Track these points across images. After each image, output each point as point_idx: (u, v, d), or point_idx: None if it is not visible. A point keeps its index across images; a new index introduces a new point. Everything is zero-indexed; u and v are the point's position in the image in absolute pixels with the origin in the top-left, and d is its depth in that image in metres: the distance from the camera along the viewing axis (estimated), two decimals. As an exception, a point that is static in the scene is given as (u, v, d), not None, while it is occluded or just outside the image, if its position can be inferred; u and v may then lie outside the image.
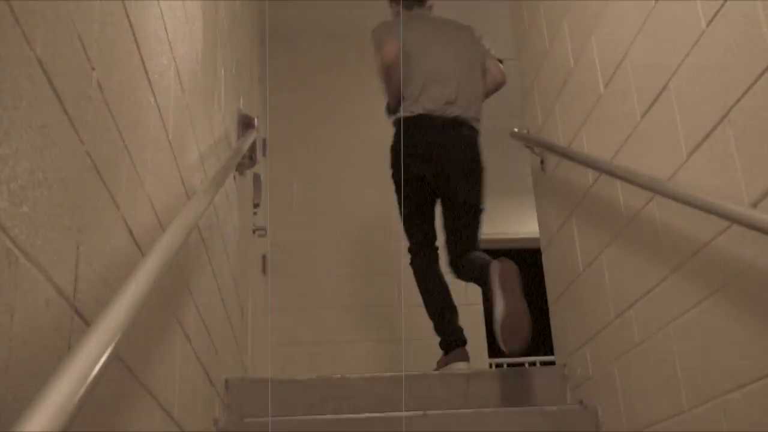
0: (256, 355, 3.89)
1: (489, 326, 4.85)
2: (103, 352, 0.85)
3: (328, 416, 2.64)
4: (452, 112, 3.33)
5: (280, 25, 5.24)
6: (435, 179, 3.30)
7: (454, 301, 3.37)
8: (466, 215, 3.28)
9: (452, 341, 3.26)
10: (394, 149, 3.33)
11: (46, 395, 0.73)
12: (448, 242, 3.28)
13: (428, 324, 4.55)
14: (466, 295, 4.86)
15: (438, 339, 3.31)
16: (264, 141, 4.85)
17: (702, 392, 1.81)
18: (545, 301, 3.05)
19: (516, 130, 3.17)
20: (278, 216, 4.95)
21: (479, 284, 3.00)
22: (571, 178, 2.72)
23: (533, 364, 6.35)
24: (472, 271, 3.04)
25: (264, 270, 4.72)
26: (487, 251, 3.17)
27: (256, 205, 3.97)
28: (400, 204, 3.40)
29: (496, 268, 2.82)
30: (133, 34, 1.46)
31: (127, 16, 1.42)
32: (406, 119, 3.32)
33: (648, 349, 2.11)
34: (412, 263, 3.42)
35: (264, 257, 4.75)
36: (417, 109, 3.32)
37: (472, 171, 3.32)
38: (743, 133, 1.60)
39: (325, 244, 4.97)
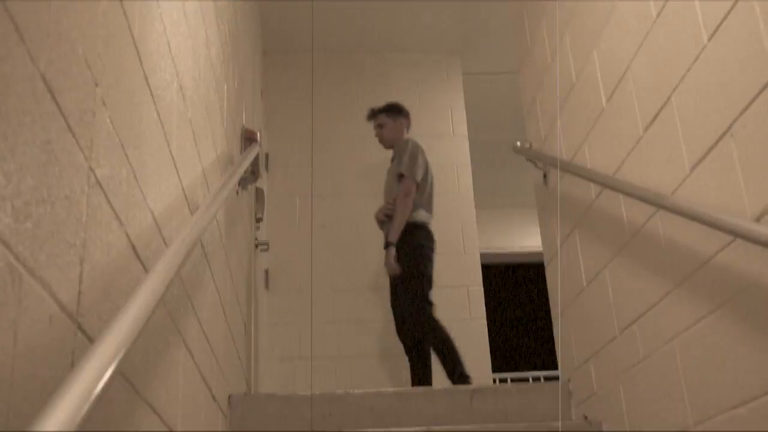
0: (259, 370, 3.88)
1: (491, 341, 4.85)
2: (107, 369, 0.85)
3: (332, 432, 2.63)
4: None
5: (282, 40, 5.26)
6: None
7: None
8: None
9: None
10: (422, 241, 4.10)
11: (49, 412, 0.73)
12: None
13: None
14: (469, 310, 4.86)
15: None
16: (267, 155, 4.85)
17: (707, 407, 1.80)
18: (549, 316, 3.04)
19: (518, 144, 3.18)
20: (281, 231, 4.95)
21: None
22: (573, 192, 2.72)
23: (537, 379, 6.32)
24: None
25: (267, 285, 4.72)
26: (492, 266, 3.25)
27: (258, 220, 3.97)
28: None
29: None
30: (137, 50, 1.46)
31: (131, 33, 1.42)
32: (424, 224, 4.15)
33: (652, 363, 2.10)
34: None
35: (267, 272, 4.74)
36: (427, 217, 4.19)
37: None
38: (746, 147, 1.60)
39: (328, 259, 4.97)
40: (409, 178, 4.13)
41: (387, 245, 4.06)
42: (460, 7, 5.07)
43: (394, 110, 4.49)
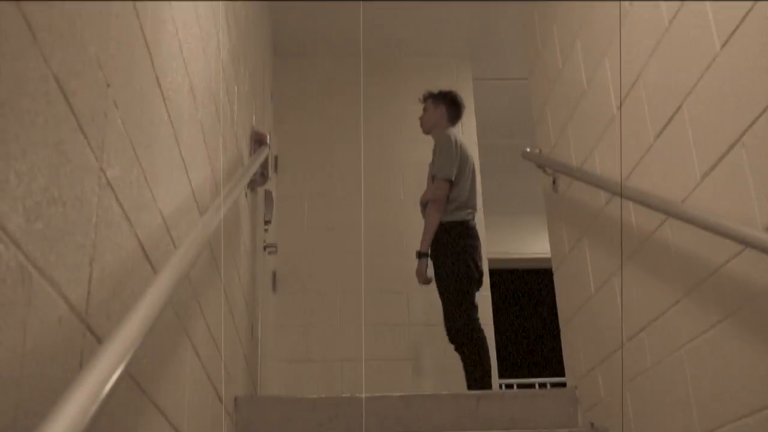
0: (265, 372, 3.88)
1: (499, 346, 4.83)
2: (115, 370, 0.85)
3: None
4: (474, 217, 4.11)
5: (292, 42, 5.27)
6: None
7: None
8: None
9: None
10: (458, 239, 3.95)
11: (58, 412, 0.73)
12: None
13: (436, 343, 4.53)
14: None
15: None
16: (276, 158, 4.86)
17: (715, 417, 1.79)
18: (557, 322, 3.04)
19: (528, 150, 3.17)
20: (289, 233, 4.95)
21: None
22: (583, 199, 2.71)
23: (544, 385, 6.31)
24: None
25: (274, 287, 4.72)
26: (499, 271, 3.25)
27: (267, 222, 3.98)
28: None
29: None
30: (149, 52, 1.47)
31: (143, 34, 1.43)
32: (464, 222, 3.99)
33: (660, 372, 2.09)
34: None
35: (274, 274, 4.74)
36: (466, 214, 4.02)
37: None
38: (757, 156, 1.59)
39: (335, 262, 4.97)
40: (441, 179, 3.97)
41: (418, 255, 3.95)
42: (471, 12, 5.07)
43: (439, 97, 4.34)
